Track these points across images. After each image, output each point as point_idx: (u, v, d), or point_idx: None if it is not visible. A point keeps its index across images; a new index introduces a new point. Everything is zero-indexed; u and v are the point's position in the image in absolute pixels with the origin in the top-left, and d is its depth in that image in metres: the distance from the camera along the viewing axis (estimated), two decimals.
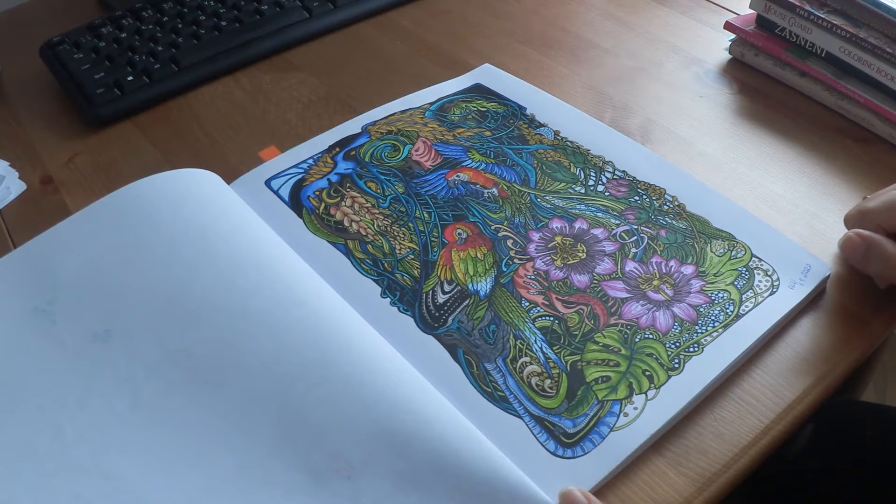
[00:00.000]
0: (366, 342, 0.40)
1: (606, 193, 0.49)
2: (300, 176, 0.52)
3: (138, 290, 0.43)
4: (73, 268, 0.45)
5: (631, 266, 0.44)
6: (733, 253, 0.45)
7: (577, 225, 0.47)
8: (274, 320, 0.41)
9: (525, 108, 0.56)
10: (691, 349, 0.40)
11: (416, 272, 0.45)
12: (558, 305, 0.43)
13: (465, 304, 0.43)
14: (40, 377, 0.40)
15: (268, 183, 0.51)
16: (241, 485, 0.36)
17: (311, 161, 0.53)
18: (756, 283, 0.43)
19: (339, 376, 0.38)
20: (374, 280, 0.45)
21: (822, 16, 0.54)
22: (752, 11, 0.59)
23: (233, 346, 0.40)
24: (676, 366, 0.39)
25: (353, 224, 0.48)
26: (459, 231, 0.47)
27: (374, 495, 0.35)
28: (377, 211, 0.49)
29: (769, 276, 0.43)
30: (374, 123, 0.56)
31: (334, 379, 0.38)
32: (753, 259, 0.44)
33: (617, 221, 0.47)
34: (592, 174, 0.51)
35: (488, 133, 0.54)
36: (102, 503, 0.35)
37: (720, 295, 0.42)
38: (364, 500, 0.35)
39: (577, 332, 0.41)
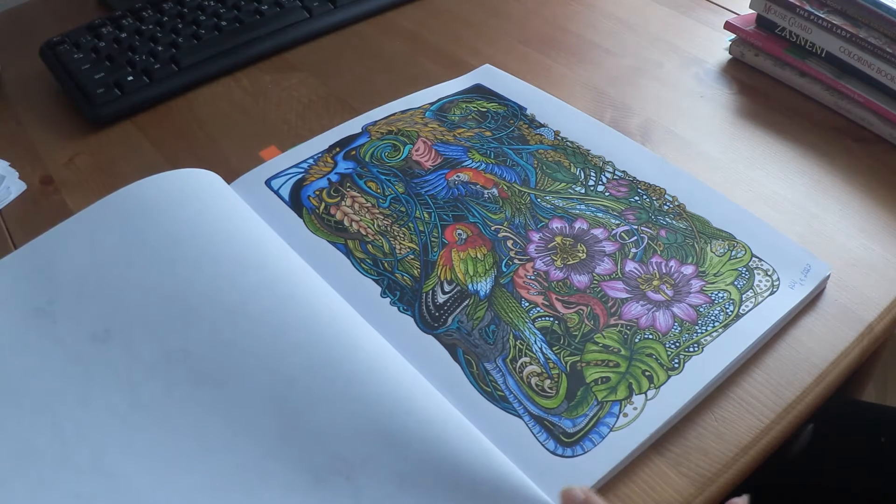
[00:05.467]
0: (366, 342, 0.40)
1: (606, 193, 0.49)
2: (300, 176, 0.52)
3: (138, 289, 0.43)
4: (73, 268, 0.45)
5: (631, 266, 0.44)
6: (733, 253, 0.45)
7: (577, 225, 0.47)
8: (275, 320, 0.41)
9: (525, 109, 0.56)
10: (691, 349, 0.40)
11: (416, 272, 0.45)
12: (558, 306, 0.43)
13: (464, 304, 0.43)
14: (40, 377, 0.40)
15: (268, 183, 0.51)
16: (241, 483, 0.36)
17: (311, 161, 0.53)
18: (756, 282, 0.43)
19: (340, 376, 0.38)
20: (374, 280, 0.45)
21: (822, 16, 0.54)
22: (752, 11, 0.59)
23: (233, 346, 0.40)
24: (676, 366, 0.39)
25: (354, 224, 0.48)
26: (459, 231, 0.47)
27: (375, 494, 0.35)
28: (377, 211, 0.49)
29: (769, 275, 0.43)
30: (374, 123, 0.56)
31: (335, 379, 0.38)
32: (753, 259, 0.44)
33: (617, 221, 0.47)
34: (592, 174, 0.51)
35: (488, 133, 0.54)
36: (102, 502, 0.35)
37: (720, 295, 0.42)
38: (364, 498, 0.35)
39: (576, 333, 0.41)
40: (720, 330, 0.41)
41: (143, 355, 0.41)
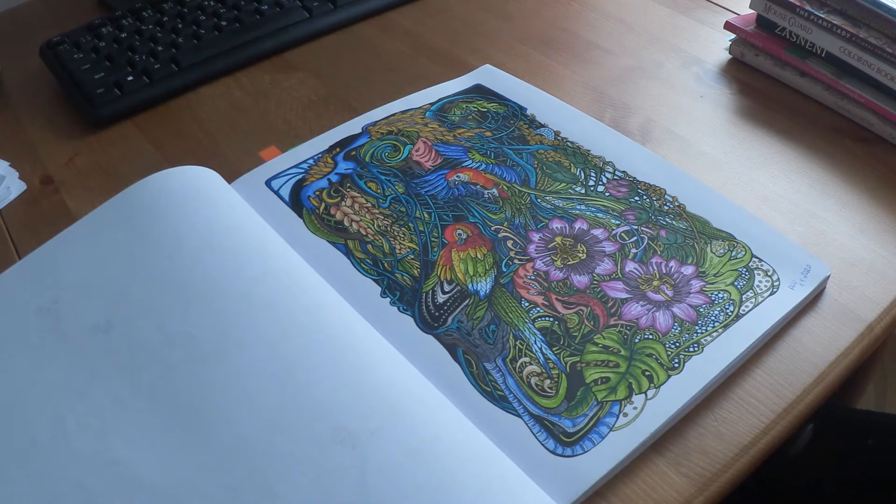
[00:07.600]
0: (368, 339, 0.41)
1: (607, 194, 0.49)
2: (300, 176, 0.52)
3: (141, 281, 0.44)
4: (77, 269, 0.45)
5: (631, 266, 0.44)
6: (733, 253, 0.45)
7: (578, 225, 0.47)
8: (279, 306, 0.41)
9: (525, 109, 0.56)
10: (691, 349, 0.40)
11: (416, 272, 0.45)
12: (558, 306, 0.43)
13: (464, 304, 0.43)
14: (42, 372, 0.40)
15: (268, 183, 0.51)
16: (243, 458, 0.36)
17: (311, 161, 0.53)
18: (756, 283, 0.43)
19: (345, 358, 0.39)
20: (374, 280, 0.45)
21: (822, 16, 0.54)
22: (752, 11, 0.59)
23: (235, 327, 0.41)
24: (676, 365, 0.39)
25: (354, 224, 0.48)
26: (459, 231, 0.47)
27: (382, 464, 0.35)
28: (377, 211, 0.49)
29: (769, 276, 0.43)
30: (374, 124, 0.56)
31: (340, 360, 0.39)
32: (753, 259, 0.44)
33: (617, 222, 0.47)
34: (593, 174, 0.51)
35: (489, 133, 0.54)
36: (104, 489, 0.35)
37: (720, 295, 0.42)
38: (370, 466, 0.35)
39: (576, 334, 0.41)
40: (720, 330, 0.41)
41: (144, 341, 0.41)
